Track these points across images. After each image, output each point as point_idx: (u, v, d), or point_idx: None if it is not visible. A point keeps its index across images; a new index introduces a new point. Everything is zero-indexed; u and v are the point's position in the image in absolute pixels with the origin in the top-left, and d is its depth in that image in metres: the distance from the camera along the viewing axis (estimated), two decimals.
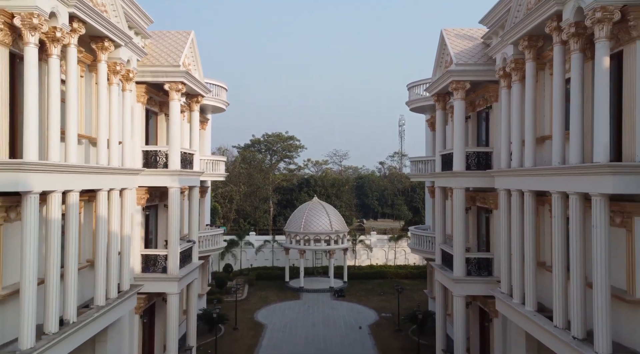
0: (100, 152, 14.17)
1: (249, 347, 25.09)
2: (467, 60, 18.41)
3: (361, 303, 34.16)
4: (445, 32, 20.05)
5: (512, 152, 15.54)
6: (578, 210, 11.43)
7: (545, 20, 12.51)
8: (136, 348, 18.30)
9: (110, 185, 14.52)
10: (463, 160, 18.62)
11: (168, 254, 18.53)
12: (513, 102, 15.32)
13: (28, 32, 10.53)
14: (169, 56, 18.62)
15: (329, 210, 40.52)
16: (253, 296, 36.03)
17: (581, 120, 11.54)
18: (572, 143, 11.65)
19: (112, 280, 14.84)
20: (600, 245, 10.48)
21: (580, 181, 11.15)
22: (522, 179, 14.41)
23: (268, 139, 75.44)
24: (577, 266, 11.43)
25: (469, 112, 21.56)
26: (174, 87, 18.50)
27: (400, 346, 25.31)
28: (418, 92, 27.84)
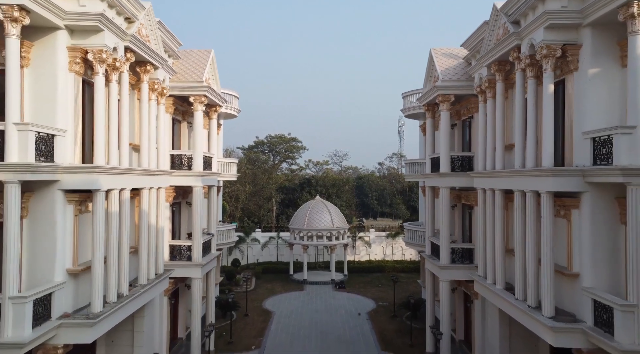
0: (142, 157, 17.05)
1: (259, 330, 27.96)
2: (451, 77, 21.30)
3: (360, 294, 36.99)
4: (433, 51, 22.93)
5: (487, 156, 18.42)
6: (532, 204, 14.32)
7: (509, 51, 15.39)
8: (165, 324, 21.17)
9: (151, 184, 17.42)
10: (448, 163, 21.52)
11: (192, 244, 21.40)
12: (488, 115, 18.22)
13: (98, 64, 13.43)
14: (193, 73, 21.51)
15: (331, 208, 43.39)
16: (260, 288, 38.87)
17: (535, 132, 14.43)
18: (528, 150, 14.55)
19: (151, 264, 17.73)
20: (546, 232, 13.39)
21: (533, 181, 14.04)
22: (494, 179, 17.30)
23: (271, 141, 78.37)
24: (532, 249, 14.32)
25: (455, 120, 24.47)
26: (197, 100, 21.40)
27: (395, 329, 28.18)
28: (412, 101, 30.69)
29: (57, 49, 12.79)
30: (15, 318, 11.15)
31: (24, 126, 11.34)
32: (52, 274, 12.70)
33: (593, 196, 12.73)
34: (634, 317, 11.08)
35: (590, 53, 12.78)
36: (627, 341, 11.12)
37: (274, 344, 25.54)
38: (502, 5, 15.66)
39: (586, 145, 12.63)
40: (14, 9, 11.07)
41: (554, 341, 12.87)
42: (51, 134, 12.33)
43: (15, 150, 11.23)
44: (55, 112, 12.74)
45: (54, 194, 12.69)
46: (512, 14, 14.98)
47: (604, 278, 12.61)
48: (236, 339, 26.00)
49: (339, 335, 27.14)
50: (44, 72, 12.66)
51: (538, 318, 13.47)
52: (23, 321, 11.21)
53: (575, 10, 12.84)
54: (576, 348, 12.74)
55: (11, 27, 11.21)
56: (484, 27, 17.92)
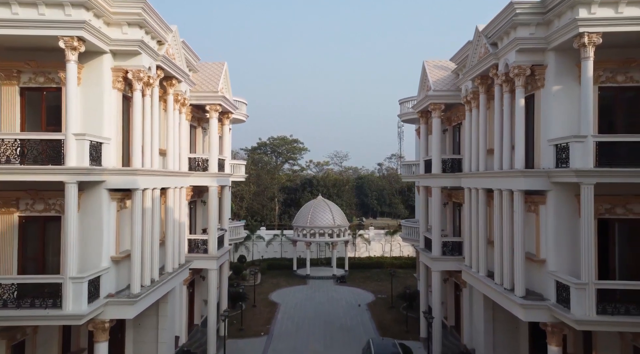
0: (168, 160, 19.39)
1: (267, 319, 30.31)
2: (442, 87, 23.64)
3: (360, 287, 39.35)
4: (426, 63, 25.28)
5: (472, 159, 20.75)
6: (507, 201, 16.65)
7: (489, 68, 17.72)
8: (184, 311, 23.51)
9: (175, 184, 19.76)
10: (440, 165, 23.85)
11: (208, 239, 23.72)
12: (472, 123, 20.56)
13: (136, 82, 15.77)
14: (209, 84, 23.84)
15: (332, 206, 45.75)
16: (266, 282, 41.19)
17: (510, 138, 16.76)
18: (504, 154, 16.89)
19: (175, 254, 20.06)
20: (518, 224, 15.74)
21: (508, 181, 16.37)
22: (477, 180, 19.63)
23: (274, 142, 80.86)
24: (507, 240, 16.65)
25: (447, 126, 26.81)
26: (213, 108, 23.73)
27: (392, 318, 30.52)
28: (408, 106, 32.99)
29: (103, 70, 15.14)
30: (75, 295, 13.49)
31: (80, 136, 13.68)
32: (100, 260, 15.03)
33: (556, 194, 15.07)
34: (586, 293, 13.43)
35: (554, 73, 15.12)
36: (580, 313, 13.47)
37: (281, 332, 27.89)
38: (483, 28, 17.98)
39: (550, 151, 14.95)
40: (74, 39, 13.41)
41: (524, 317, 15.21)
42: (99, 142, 14.66)
43: (73, 156, 13.56)
44: (102, 123, 15.08)
45: (101, 193, 15.02)
46: (491, 37, 17.32)
47: (565, 262, 14.94)
48: (246, 327, 28.35)
49: (340, 324, 29.46)
50: (93, 89, 15.00)
51: (511, 297, 15.81)
52: (81, 297, 13.55)
53: (541, 37, 15.17)
54: (542, 321, 15.07)
55: (70, 54, 13.55)
56: (468, 46, 20.25)
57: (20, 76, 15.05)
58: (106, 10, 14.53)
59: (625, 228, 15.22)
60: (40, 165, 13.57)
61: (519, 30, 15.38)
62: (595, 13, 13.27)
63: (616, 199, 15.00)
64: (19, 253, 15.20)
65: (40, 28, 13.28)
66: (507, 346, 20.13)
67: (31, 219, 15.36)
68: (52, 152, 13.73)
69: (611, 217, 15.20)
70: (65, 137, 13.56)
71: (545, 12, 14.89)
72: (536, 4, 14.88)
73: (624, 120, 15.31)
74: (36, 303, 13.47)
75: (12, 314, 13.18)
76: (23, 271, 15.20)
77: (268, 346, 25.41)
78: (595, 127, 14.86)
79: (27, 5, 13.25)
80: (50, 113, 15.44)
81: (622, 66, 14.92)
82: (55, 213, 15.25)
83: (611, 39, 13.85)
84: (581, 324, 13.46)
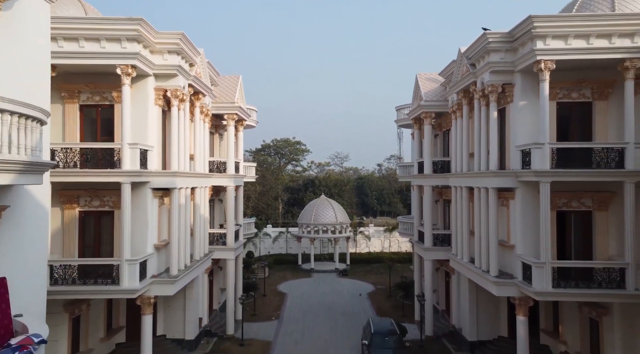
0: (196, 163, 22.60)
1: (276, 306, 33.48)
2: (432, 98, 26.81)
3: (361, 280, 42.51)
4: (418, 76, 28.47)
5: (458, 161, 23.90)
6: (484, 197, 19.81)
7: (469, 84, 20.90)
8: (206, 296, 26.67)
9: (201, 184, 22.94)
10: (430, 166, 27.01)
11: (226, 232, 26.89)
12: (457, 130, 23.73)
13: (173, 99, 18.95)
14: (227, 95, 27.03)
15: (334, 205, 48.94)
16: (273, 275, 44.34)
17: (487, 144, 19.92)
18: (482, 157, 20.06)
19: (201, 245, 23.23)
20: (492, 216, 18.90)
21: (484, 180, 19.54)
22: (461, 179, 22.79)
23: (277, 144, 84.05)
24: (484, 229, 19.81)
25: (437, 131, 29.99)
26: (230, 117, 26.92)
27: (390, 305, 33.68)
28: (404, 113, 36.16)
29: (147, 90, 18.34)
30: (129, 274, 16.67)
31: (133, 145, 16.87)
32: (145, 247, 18.21)
33: (523, 191, 18.24)
34: (543, 271, 16.59)
35: (520, 91, 18.30)
36: (539, 287, 16.63)
37: (290, 316, 31.04)
38: (464, 50, 21.14)
39: (518, 155, 18.11)
40: (128, 67, 16.60)
41: (497, 292, 18.39)
42: (146, 149, 17.84)
43: (128, 161, 16.74)
44: (146, 133, 18.27)
45: (146, 191, 18.21)
46: (471, 58, 20.49)
47: (530, 247, 18.09)
48: (259, 313, 31.51)
49: (343, 310, 32.60)
50: (139, 106, 18.18)
51: (487, 277, 18.98)
52: (134, 276, 16.73)
53: (509, 61, 18.35)
54: (511, 296, 18.24)
55: (125, 78, 16.74)
56: (453, 64, 23.44)
57: (80, 95, 18.24)
58: (151, 41, 17.72)
59: (579, 219, 18.41)
60: (100, 169, 16.74)
61: (491, 55, 18.56)
62: (549, 44, 16.43)
63: (572, 194, 18.18)
64: (79, 241, 18.39)
65: (102, 58, 16.49)
66: (489, 323, 23.28)
67: (88, 213, 18.56)
68: (107, 158, 16.93)
69: (568, 209, 18.40)
70: (121, 146, 16.74)
71: (512, 41, 18.07)
72: (505, 34, 18.05)
73: (578, 129, 18.50)
74: (99, 281, 16.64)
75: (81, 289, 16.37)
76: (82, 256, 18.38)
77: (279, 328, 28.56)
78: (554, 135, 18.04)
79: (91, 39, 16.42)
80: (104, 126, 18.66)
81: (575, 85, 18.10)
82: (108, 208, 18.46)
83: (566, 64, 17.01)
84: (540, 295, 16.63)
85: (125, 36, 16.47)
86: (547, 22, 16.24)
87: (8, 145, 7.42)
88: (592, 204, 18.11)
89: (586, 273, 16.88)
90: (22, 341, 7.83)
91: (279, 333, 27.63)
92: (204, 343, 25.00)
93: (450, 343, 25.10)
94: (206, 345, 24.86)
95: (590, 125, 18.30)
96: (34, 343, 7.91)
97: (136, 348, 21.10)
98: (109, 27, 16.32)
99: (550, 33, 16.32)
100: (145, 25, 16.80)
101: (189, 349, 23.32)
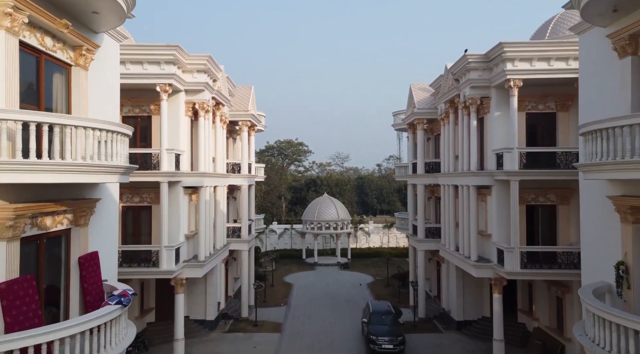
0: (217, 165, 25.89)
1: (284, 294, 36.79)
2: (424, 106, 30.11)
3: (361, 272, 45.83)
4: (412, 86, 31.80)
5: (445, 162, 27.17)
6: (466, 194, 23.10)
7: (454, 96, 24.19)
8: (223, 283, 29.98)
9: (221, 183, 26.25)
10: (423, 167, 30.32)
11: (241, 226, 30.19)
12: (445, 135, 27.03)
13: (200, 110, 22.26)
14: (241, 104, 30.35)
15: (336, 203, 52.28)
16: (279, 269, 47.63)
17: (468, 148, 23.21)
18: (464, 159, 23.35)
19: (221, 236, 26.53)
20: (472, 210, 22.19)
21: (466, 179, 22.83)
22: (448, 178, 26.08)
23: (280, 145, 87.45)
24: (466, 221, 23.09)
25: (430, 135, 33.30)
26: (244, 123, 30.23)
27: (387, 292, 36.99)
28: (400, 117, 39.47)
29: (179, 103, 21.64)
30: (167, 258, 19.97)
31: (170, 150, 20.17)
32: (178, 236, 21.52)
33: (497, 188, 21.52)
34: (513, 254, 19.86)
35: (495, 103, 21.59)
36: (510, 268, 19.91)
37: (297, 303, 34.34)
38: (450, 66, 24.42)
39: (493, 157, 21.39)
40: (166, 85, 19.90)
41: (476, 274, 21.69)
42: (179, 153, 21.14)
43: (165, 164, 20.04)
44: (179, 140, 21.57)
45: (179, 189, 21.51)
46: (455, 74, 23.79)
47: (504, 235, 21.37)
48: (269, 299, 34.82)
49: (345, 297, 35.91)
50: (173, 117, 21.48)
51: (468, 262, 22.29)
52: (171, 260, 20.03)
53: (486, 78, 21.65)
54: (488, 277, 21.53)
55: (163, 95, 20.04)
56: (441, 78, 26.76)
57: (123, 108, 21.50)
58: (184, 63, 21.04)
59: (545, 211, 21.71)
60: (141, 170, 20.02)
61: (471, 73, 21.85)
62: (517, 66, 19.73)
63: (539, 191, 21.47)
64: (122, 231, 21.67)
65: (144, 78, 19.78)
66: (474, 305, 26.61)
67: (130, 208, 21.87)
68: (145, 161, 20.21)
69: (536, 203, 21.71)
70: (160, 151, 20.04)
71: (488, 61, 21.37)
72: (482, 56, 21.35)
73: (544, 136, 21.79)
74: (141, 264, 19.94)
75: (129, 270, 19.66)
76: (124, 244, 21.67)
77: (288, 312, 31.86)
78: (524, 141, 21.33)
79: (135, 63, 19.72)
80: (142, 134, 21.93)
81: (541, 99, 21.40)
82: (146, 203, 21.76)
83: (532, 81, 20.30)
84: (510, 275, 19.92)
85: (164, 60, 19.78)
86: (514, 48, 19.55)
87: (114, 154, 10.68)
88: (556, 199, 21.40)
89: (551, 256, 20.18)
90: (121, 292, 11.12)
91: (287, 316, 30.93)
92: (222, 323, 28.31)
93: (440, 323, 28.40)
94: (224, 325, 28.19)
95: (555, 132, 21.59)
96: (129, 294, 11.20)
97: (165, 326, 24.53)
98: (150, 52, 19.62)
99: (517, 56, 19.62)
100: (180, 50, 20.11)
101: (209, 328, 26.67)
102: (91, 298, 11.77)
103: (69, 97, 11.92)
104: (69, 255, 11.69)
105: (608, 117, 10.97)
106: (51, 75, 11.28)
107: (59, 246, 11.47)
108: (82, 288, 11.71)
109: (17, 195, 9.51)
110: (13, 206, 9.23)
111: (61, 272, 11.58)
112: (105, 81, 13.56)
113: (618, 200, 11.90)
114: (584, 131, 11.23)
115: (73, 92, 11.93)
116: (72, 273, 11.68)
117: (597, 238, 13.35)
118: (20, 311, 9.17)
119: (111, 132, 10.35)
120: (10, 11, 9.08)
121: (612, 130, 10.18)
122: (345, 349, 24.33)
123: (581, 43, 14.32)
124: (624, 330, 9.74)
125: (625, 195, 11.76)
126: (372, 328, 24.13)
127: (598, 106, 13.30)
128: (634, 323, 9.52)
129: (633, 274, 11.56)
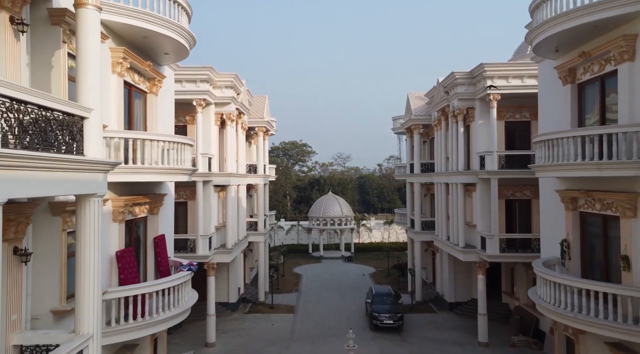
0: (240, 166, 29.69)
1: (294, 283, 40.63)
2: (420, 113, 33.91)
3: (364, 264, 49.64)
4: (409, 95, 35.61)
5: (438, 163, 30.96)
6: (455, 190, 26.89)
7: (445, 106, 27.98)
8: (242, 271, 33.79)
9: (243, 182, 30.06)
10: (419, 167, 34.13)
11: (257, 220, 34.00)
12: (438, 139, 30.84)
13: (228, 120, 26.07)
14: (257, 112, 34.18)
15: (340, 200, 56.14)
16: (288, 262, 51.39)
17: (457, 151, 27.00)
18: (454, 161, 27.16)
19: (242, 228, 30.35)
20: (460, 204, 26.01)
21: (455, 178, 26.63)
22: (441, 177, 29.88)
23: (285, 146, 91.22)
24: (455, 214, 26.88)
25: (426, 138, 37.12)
26: (260, 129, 34.05)
27: (388, 281, 40.73)
28: (399, 122, 43.29)
29: (210, 115, 25.45)
30: (202, 245, 23.75)
31: (204, 154, 23.98)
32: (210, 227, 25.32)
33: (481, 185, 25.30)
34: (493, 241, 23.64)
35: (479, 113, 25.37)
36: (490, 252, 23.69)
37: (306, 290, 38.16)
38: (441, 80, 28.19)
39: (477, 159, 25.16)
40: (201, 100, 23.71)
41: (463, 258, 25.50)
42: (210, 157, 24.94)
43: (200, 166, 23.83)
44: (210, 145, 25.37)
45: (210, 187, 25.32)
46: (445, 87, 27.57)
47: (486, 225, 25.13)
48: (281, 287, 38.62)
49: (350, 285, 39.73)
50: (205, 126, 25.26)
51: (456, 248, 26.10)
52: (206, 247, 23.82)
53: (471, 92, 25.43)
54: (473, 260, 25.32)
55: (198, 108, 23.85)
56: (433, 90, 30.57)
57: None
58: (215, 80, 24.84)
59: (522, 205, 25.50)
60: None
61: (458, 87, 25.64)
62: (495, 83, 23.50)
63: (517, 187, 25.24)
64: None
65: (184, 95, 23.55)
66: (464, 289, 30.39)
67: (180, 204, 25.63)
68: None
69: (514, 198, 25.49)
70: (196, 155, 23.85)
71: (472, 78, 25.16)
72: (467, 73, 25.14)
73: (521, 141, 25.56)
74: (181, 250, 23.71)
75: None
76: None
77: (299, 297, 35.68)
78: (503, 145, 25.11)
79: (176, 82, 23.48)
80: None
81: (518, 109, 25.19)
82: (182, 199, 25.55)
83: (509, 94, 24.05)
84: (491, 258, 23.70)
85: (199, 78, 23.59)
86: (493, 67, 23.35)
87: (184, 160, 14.48)
88: (530, 194, 25.15)
89: (526, 242, 23.96)
90: (189, 263, 14.95)
91: (299, 300, 34.74)
92: (242, 306, 32.14)
93: (434, 305, 32.22)
94: (244, 307, 32.02)
95: (529, 137, 25.33)
96: (194, 264, 15.02)
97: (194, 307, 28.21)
98: (188, 72, 23.42)
99: (496, 75, 23.42)
100: (212, 71, 23.93)
101: (232, 309, 30.52)
102: (162, 268, 15.62)
103: (145, 116, 15.77)
104: (146, 236, 15.54)
105: (557, 130, 14.80)
106: (134, 102, 15.12)
107: (140, 229, 15.32)
108: (156, 261, 15.55)
109: (121, 191, 13.36)
110: (123, 198, 13.09)
111: (140, 248, 15.42)
112: (165, 102, 17.38)
113: (562, 193, 15.71)
114: (536, 140, 15.08)
115: (148, 113, 15.76)
116: (148, 250, 15.54)
117: (551, 223, 17.17)
118: (128, 271, 13.01)
119: (182, 144, 14.15)
120: (121, 61, 12.91)
121: (555, 141, 13.97)
122: (352, 324, 28.12)
123: (540, 70, 18.14)
124: (559, 287, 13.55)
125: (568, 189, 15.57)
126: (375, 306, 27.93)
127: (552, 120, 17.13)
128: (564, 280, 13.35)
129: (572, 248, 15.37)
